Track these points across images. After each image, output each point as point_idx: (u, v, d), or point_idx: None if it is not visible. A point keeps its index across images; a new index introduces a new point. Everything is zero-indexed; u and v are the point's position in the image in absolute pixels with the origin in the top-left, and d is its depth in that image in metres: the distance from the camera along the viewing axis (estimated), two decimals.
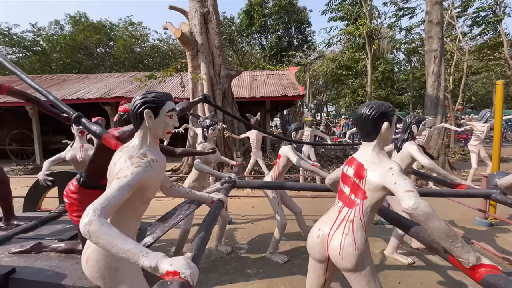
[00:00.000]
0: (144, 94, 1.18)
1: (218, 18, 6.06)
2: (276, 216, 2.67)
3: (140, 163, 1.09)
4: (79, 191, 1.92)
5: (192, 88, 6.21)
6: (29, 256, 1.88)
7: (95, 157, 1.91)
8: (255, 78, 10.55)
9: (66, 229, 2.36)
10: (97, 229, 0.82)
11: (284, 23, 21.47)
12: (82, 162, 3.21)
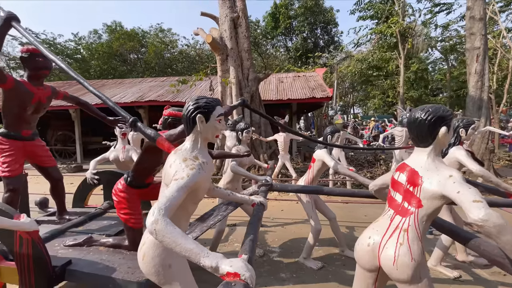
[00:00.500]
0: (197, 100, 1.23)
1: (247, 23, 6.16)
2: (310, 221, 2.63)
3: (193, 165, 1.14)
4: (126, 190, 2.04)
5: (221, 91, 6.35)
6: (81, 249, 2.03)
7: (141, 159, 2.02)
8: (281, 80, 10.53)
9: (112, 225, 2.52)
10: (163, 228, 0.87)
11: (310, 24, 21.24)
12: (123, 162, 3.42)
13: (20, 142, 2.23)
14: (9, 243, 1.63)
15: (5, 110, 2.15)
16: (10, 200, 2.11)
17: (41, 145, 2.40)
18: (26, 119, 2.24)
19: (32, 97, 2.18)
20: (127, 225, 2.01)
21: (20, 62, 2.17)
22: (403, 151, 5.25)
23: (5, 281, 1.72)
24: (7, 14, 1.69)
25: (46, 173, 2.46)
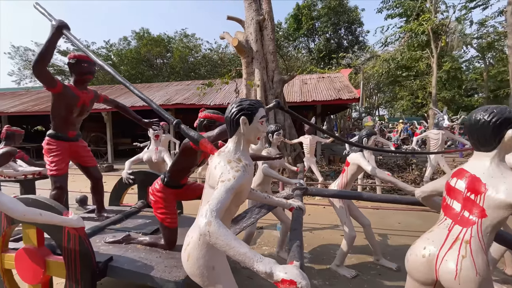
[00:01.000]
0: (240, 102, 1.23)
1: (273, 25, 6.16)
2: (343, 227, 2.53)
3: (238, 167, 1.13)
4: (163, 190, 2.09)
5: (246, 94, 6.39)
6: (120, 246, 2.11)
7: (177, 160, 2.07)
8: (305, 82, 10.40)
9: (147, 223, 2.59)
10: (216, 230, 0.86)
11: (334, 24, 20.84)
12: (156, 163, 3.54)
13: (66, 143, 2.37)
14: (58, 238, 1.73)
15: (53, 112, 2.31)
16: (57, 197, 2.25)
17: (83, 146, 2.55)
18: (72, 121, 2.39)
19: (78, 100, 2.31)
20: (163, 224, 2.06)
21: (68, 67, 2.31)
22: (438, 156, 4.94)
23: (53, 274, 1.82)
24: (58, 23, 1.81)
25: (87, 172, 2.60)
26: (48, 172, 2.27)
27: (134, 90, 1.52)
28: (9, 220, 1.83)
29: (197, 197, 2.39)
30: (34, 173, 3.95)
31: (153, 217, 2.78)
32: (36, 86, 25.72)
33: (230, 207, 1.23)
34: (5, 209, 1.39)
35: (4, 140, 3.67)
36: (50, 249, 1.88)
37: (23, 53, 25.38)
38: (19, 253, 1.82)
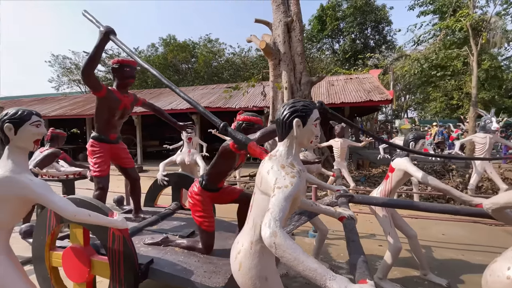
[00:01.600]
0: (293, 103, 1.17)
1: (302, 26, 6.07)
2: (387, 238, 2.36)
3: (293, 173, 1.06)
4: (201, 193, 2.07)
5: (272, 96, 6.33)
6: (159, 249, 2.11)
7: (216, 163, 2.04)
8: (332, 83, 10.13)
9: (182, 226, 2.59)
10: (283, 242, 0.79)
11: (360, 24, 20.24)
12: (188, 165, 3.58)
13: (108, 145, 2.45)
14: (103, 238, 1.76)
15: (97, 116, 2.39)
16: (100, 197, 2.32)
17: (123, 148, 2.62)
18: (114, 124, 2.46)
19: (120, 103, 2.38)
20: (201, 228, 2.03)
21: (111, 71, 2.39)
22: (485, 161, 4.52)
23: (97, 274, 1.85)
24: (106, 29, 1.87)
25: (126, 173, 2.66)
26: (91, 173, 2.35)
27: (180, 93, 1.51)
28: (57, 219, 1.89)
29: (232, 201, 2.35)
30: (74, 174, 4.17)
31: (188, 219, 2.78)
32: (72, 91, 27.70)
33: None
34: (58, 209, 1.42)
35: (48, 142, 3.91)
36: (94, 249, 1.93)
37: (61, 61, 27.40)
38: (66, 252, 1.87)
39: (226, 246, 2.23)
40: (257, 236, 1.16)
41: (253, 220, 1.18)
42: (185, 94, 1.52)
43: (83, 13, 2.03)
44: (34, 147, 1.51)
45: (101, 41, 1.89)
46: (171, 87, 1.53)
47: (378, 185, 2.42)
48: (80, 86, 28.21)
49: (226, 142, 1.93)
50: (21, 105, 16.24)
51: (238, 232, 2.41)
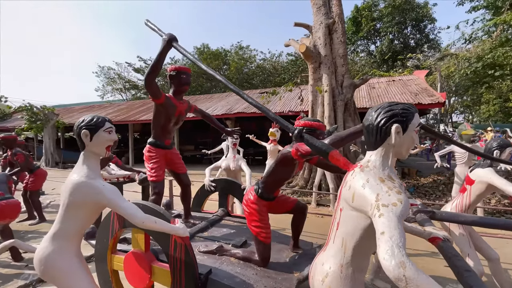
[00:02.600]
0: (390, 107, 1.01)
1: (344, 27, 5.83)
2: (466, 259, 2.05)
3: (397, 188, 0.91)
4: (257, 202, 1.98)
5: (311, 100, 6.13)
6: (214, 258, 2.05)
7: (274, 170, 1.94)
8: (372, 86, 9.60)
9: (233, 234, 2.52)
10: (415, 276, 0.65)
11: (399, 23, 19.15)
12: (233, 171, 3.54)
13: (163, 151, 2.48)
14: (165, 246, 1.73)
15: (154, 122, 2.44)
16: (156, 202, 2.34)
17: (176, 153, 2.64)
18: (169, 130, 2.50)
19: (176, 110, 2.41)
20: (257, 238, 1.93)
21: (168, 78, 2.43)
22: None
23: (157, 281, 1.83)
24: (169, 36, 1.88)
25: (178, 178, 2.68)
26: (149, 178, 2.39)
27: (248, 99, 1.44)
28: (121, 223, 1.93)
29: (288, 211, 2.23)
30: (124, 177, 4.38)
31: (238, 227, 2.72)
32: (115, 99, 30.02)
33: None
34: (127, 215, 1.42)
35: None
36: (154, 255, 1.93)
37: (106, 72, 29.85)
38: (128, 256, 1.89)
39: (281, 259, 2.10)
40: (347, 258, 1.03)
41: (342, 240, 1.05)
42: (253, 99, 1.45)
43: (146, 23, 2.08)
44: (106, 153, 1.54)
45: (164, 49, 1.91)
46: (238, 92, 1.47)
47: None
48: (121, 94, 30.45)
49: (287, 149, 1.83)
50: (72, 112, 17.92)
51: (292, 244, 2.29)
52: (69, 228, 1.41)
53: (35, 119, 12.42)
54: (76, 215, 1.41)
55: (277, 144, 5.99)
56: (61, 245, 1.39)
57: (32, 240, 3.72)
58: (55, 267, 1.37)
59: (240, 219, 2.94)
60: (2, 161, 5.25)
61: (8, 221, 2.93)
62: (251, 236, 2.46)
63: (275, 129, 5.89)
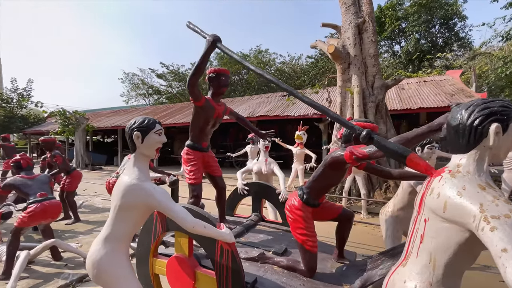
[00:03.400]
0: (485, 104, 0.88)
1: (375, 26, 5.61)
2: None
3: (503, 197, 0.78)
4: (302, 208, 1.87)
5: (340, 102, 5.94)
6: (256, 265, 1.97)
7: (322, 175, 1.82)
8: (402, 87, 9.17)
9: (270, 240, 2.43)
10: None
11: (426, 22, 18.31)
12: (265, 175, 3.46)
13: (200, 153, 2.45)
14: (211, 251, 1.67)
15: (193, 124, 2.42)
16: (194, 205, 2.30)
17: (212, 156, 2.61)
18: (207, 132, 2.47)
19: (214, 112, 2.37)
20: (303, 247, 1.83)
21: (207, 81, 2.41)
22: None
23: (201, 287, 1.77)
24: (213, 37, 1.84)
25: (214, 181, 2.64)
26: (187, 180, 2.37)
27: (304, 98, 1.35)
28: (163, 226, 1.89)
29: (333, 218, 2.10)
30: (155, 179, 4.43)
31: (274, 233, 2.62)
32: (139, 104, 31.14)
33: (474, 253, 0.89)
34: (178, 218, 1.37)
35: None
36: (196, 260, 1.88)
37: (131, 78, 31.10)
38: (171, 261, 1.85)
39: (326, 269, 1.98)
40: (438, 277, 0.90)
41: (429, 255, 0.92)
42: (309, 98, 1.35)
43: (188, 25, 2.06)
44: (156, 155, 1.51)
45: (209, 49, 1.88)
46: (292, 92, 1.39)
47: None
48: (145, 99, 31.55)
49: (338, 152, 1.71)
50: (100, 116, 18.78)
51: (337, 254, 2.16)
52: (120, 230, 1.39)
53: (68, 123, 13.13)
54: (127, 218, 1.39)
55: (303, 148, 5.84)
56: (113, 248, 1.37)
57: (69, 240, 3.84)
58: (107, 271, 1.34)
59: (275, 224, 2.84)
60: (41, 163, 5.53)
61: (50, 221, 3.02)
62: (290, 243, 2.36)
63: (301, 132, 5.76)
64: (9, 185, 2.88)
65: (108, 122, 14.77)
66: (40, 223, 2.92)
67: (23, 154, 3.17)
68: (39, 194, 2.88)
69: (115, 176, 3.92)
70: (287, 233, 2.61)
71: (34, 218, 2.78)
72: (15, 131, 17.91)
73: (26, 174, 3.01)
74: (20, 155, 3.12)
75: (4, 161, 7.75)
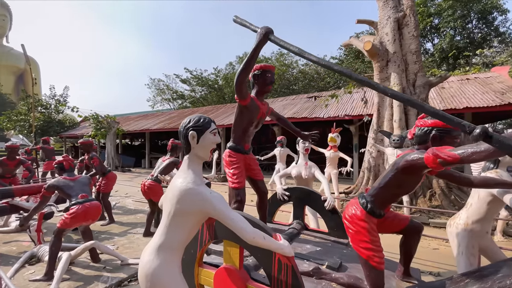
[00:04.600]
0: None
1: (417, 20, 5.21)
2: None
3: None
4: (367, 218, 1.64)
5: (378, 102, 5.57)
6: (311, 281, 1.77)
7: (392, 181, 1.59)
8: (442, 86, 8.51)
9: (320, 252, 2.21)
10: None
11: (462, 17, 17.13)
12: (305, 180, 3.24)
13: (242, 156, 2.30)
14: (267, 264, 1.49)
15: (235, 125, 2.28)
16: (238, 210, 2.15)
17: (254, 158, 2.45)
18: (249, 133, 2.32)
19: (259, 112, 2.22)
20: (368, 263, 1.59)
21: (252, 79, 2.27)
22: None
23: None
24: (265, 30, 1.69)
25: (256, 186, 2.47)
26: (230, 184, 2.22)
27: (387, 91, 1.15)
28: (211, 234, 1.76)
29: (398, 231, 1.85)
30: None
31: (323, 245, 2.39)
32: (164, 109, 32.18)
33: None
34: (237, 228, 1.21)
35: (169, 151, 4.22)
36: (246, 271, 1.71)
37: (156, 83, 32.24)
38: (219, 272, 1.69)
39: None
40: None
41: None
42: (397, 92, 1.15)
43: (234, 19, 1.93)
44: (210, 156, 1.37)
45: (260, 43, 1.72)
46: (369, 83, 1.19)
47: None
48: (169, 104, 32.53)
49: (415, 154, 1.47)
50: (129, 120, 19.57)
51: (402, 272, 1.90)
52: (174, 239, 1.25)
53: (100, 127, 13.77)
54: (182, 225, 1.26)
55: (337, 151, 5.54)
56: (166, 259, 1.24)
57: (105, 241, 3.87)
58: (161, 284, 1.21)
59: (321, 234, 2.61)
60: (78, 164, 5.72)
61: (90, 223, 3.03)
62: (343, 257, 2.13)
63: (335, 134, 5.45)
64: (53, 186, 2.92)
65: (136, 126, 15.30)
66: (81, 224, 2.92)
67: (65, 156, 3.23)
68: (80, 195, 2.89)
69: (150, 179, 3.90)
70: (336, 245, 2.39)
71: (76, 220, 2.78)
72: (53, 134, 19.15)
73: (68, 176, 3.05)
74: (63, 157, 3.17)
75: (44, 163, 8.21)
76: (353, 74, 1.27)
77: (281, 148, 6.76)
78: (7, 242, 3.81)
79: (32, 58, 43.23)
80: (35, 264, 3.10)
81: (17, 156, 4.90)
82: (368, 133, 5.93)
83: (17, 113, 19.11)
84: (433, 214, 4.55)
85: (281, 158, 6.78)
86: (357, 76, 1.26)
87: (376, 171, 5.56)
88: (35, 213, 3.14)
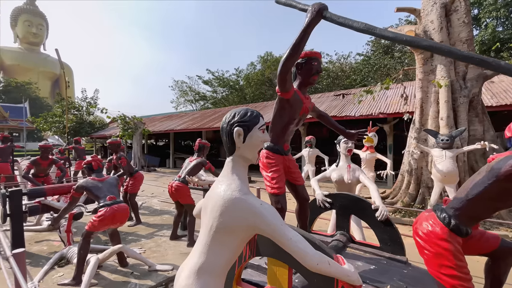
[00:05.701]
0: None
1: (468, 5, 4.62)
2: None
3: None
4: (450, 238, 1.29)
5: (421, 98, 5.03)
6: None
7: (489, 192, 1.23)
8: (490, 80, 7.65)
9: (375, 271, 1.87)
10: None
11: (506, 6, 15.59)
12: (348, 184, 2.89)
13: (281, 157, 2.02)
14: None
15: (275, 122, 2.01)
16: None
17: (293, 160, 2.15)
18: (289, 132, 2.03)
19: (301, 106, 1.93)
20: None
21: (295, 68, 1.98)
22: None
23: None
24: (319, 6, 1.40)
25: (295, 191, 2.18)
26: (268, 190, 1.95)
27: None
28: (253, 250, 1.50)
29: (486, 253, 1.48)
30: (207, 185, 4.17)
31: (376, 261, 2.05)
32: (187, 110, 32.80)
33: None
34: (296, 251, 0.94)
35: (196, 152, 4.05)
36: None
37: (180, 85, 32.95)
38: None
39: None
40: None
41: None
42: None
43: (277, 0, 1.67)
44: (257, 158, 1.11)
45: (312, 22, 1.42)
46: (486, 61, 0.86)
47: None
48: (192, 105, 33.10)
49: None
50: (154, 121, 20.07)
51: None
52: (218, 260, 1.00)
53: (127, 127, 14.18)
54: (226, 243, 1.00)
55: (374, 152, 5.07)
56: (208, 284, 0.99)
57: (132, 244, 3.77)
58: None
59: (371, 249, 2.26)
60: (107, 164, 5.76)
61: (118, 225, 2.91)
62: (406, 278, 1.78)
63: (372, 134, 4.99)
64: (81, 187, 2.84)
65: (161, 127, 15.58)
66: (109, 227, 2.81)
67: (94, 156, 3.15)
68: (108, 197, 2.78)
69: (177, 180, 3.74)
70: (393, 262, 2.03)
71: (104, 223, 2.67)
72: (84, 135, 20.13)
73: (96, 176, 2.96)
74: (92, 157, 3.09)
75: (76, 162, 8.51)
76: (434, 44, 0.94)
77: (310, 149, 6.39)
78: (39, 241, 3.84)
79: (66, 63, 46.08)
80: (64, 266, 3.04)
81: (50, 156, 5.00)
82: (408, 132, 5.39)
83: (52, 115, 20.33)
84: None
85: (309, 159, 6.42)
86: (436, 45, 0.92)
87: (418, 174, 5.02)
88: (65, 214, 3.09)
